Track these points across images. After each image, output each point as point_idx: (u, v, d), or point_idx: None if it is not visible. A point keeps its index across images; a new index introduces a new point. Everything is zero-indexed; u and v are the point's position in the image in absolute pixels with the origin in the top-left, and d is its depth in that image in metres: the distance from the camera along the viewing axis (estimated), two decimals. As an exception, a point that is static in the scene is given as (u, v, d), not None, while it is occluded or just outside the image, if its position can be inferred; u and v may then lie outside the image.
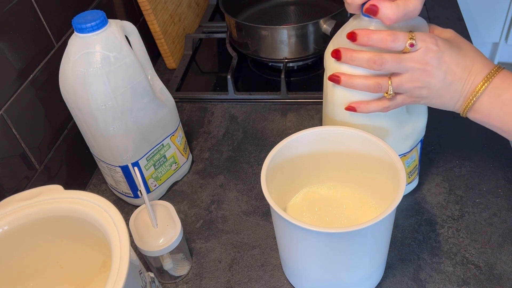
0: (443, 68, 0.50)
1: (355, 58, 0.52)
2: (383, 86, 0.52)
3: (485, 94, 0.51)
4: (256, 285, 0.61)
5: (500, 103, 0.50)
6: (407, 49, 0.50)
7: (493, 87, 0.50)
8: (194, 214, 0.71)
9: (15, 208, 0.48)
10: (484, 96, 0.51)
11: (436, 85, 0.51)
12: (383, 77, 0.52)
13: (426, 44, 0.50)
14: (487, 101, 0.51)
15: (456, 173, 0.71)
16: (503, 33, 2.02)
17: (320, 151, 0.59)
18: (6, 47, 0.60)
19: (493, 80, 0.50)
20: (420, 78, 0.51)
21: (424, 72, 0.50)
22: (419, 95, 0.53)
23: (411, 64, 0.50)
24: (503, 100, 0.50)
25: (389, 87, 0.52)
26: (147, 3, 0.88)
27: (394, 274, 0.60)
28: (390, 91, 0.52)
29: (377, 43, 0.50)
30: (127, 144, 0.64)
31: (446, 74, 0.50)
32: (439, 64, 0.50)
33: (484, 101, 0.51)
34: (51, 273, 0.54)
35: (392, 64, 0.50)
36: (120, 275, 0.40)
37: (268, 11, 1.03)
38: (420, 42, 0.49)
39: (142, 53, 0.66)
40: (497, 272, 0.59)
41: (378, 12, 0.49)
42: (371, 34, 0.50)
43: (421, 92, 0.52)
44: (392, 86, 0.52)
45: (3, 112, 0.60)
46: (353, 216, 0.59)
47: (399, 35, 0.49)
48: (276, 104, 0.87)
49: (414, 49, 0.50)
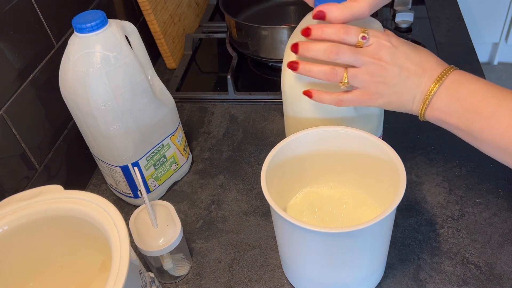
0: (397, 63, 0.51)
1: (312, 48, 0.52)
2: (339, 73, 0.52)
3: (442, 89, 0.50)
4: (256, 285, 0.61)
5: (457, 97, 0.50)
6: (360, 43, 0.51)
7: (450, 82, 0.50)
8: (194, 214, 0.71)
9: (15, 208, 0.48)
10: (442, 90, 0.50)
11: (392, 80, 0.51)
12: (340, 66, 0.52)
13: (378, 39, 0.51)
14: (444, 96, 0.50)
15: (456, 173, 0.71)
16: (503, 33, 2.02)
17: (320, 151, 0.59)
18: (6, 47, 0.60)
19: (449, 75, 0.51)
20: (376, 72, 0.51)
21: (379, 66, 0.51)
22: (376, 91, 0.52)
23: (366, 58, 0.51)
24: (460, 94, 0.50)
25: (344, 75, 0.52)
26: (147, 3, 0.88)
27: (394, 274, 0.60)
28: (345, 80, 0.52)
29: (330, 36, 0.51)
30: (127, 144, 0.64)
31: (401, 69, 0.51)
32: (393, 59, 0.51)
33: (442, 97, 0.51)
34: (51, 273, 0.54)
35: (348, 54, 0.51)
36: (120, 275, 0.40)
37: (268, 11, 1.03)
38: (372, 37, 0.51)
39: (142, 53, 0.66)
40: (497, 272, 0.59)
41: (325, 17, 0.51)
42: (324, 27, 0.51)
43: (378, 88, 0.52)
44: (347, 75, 0.52)
45: (3, 112, 0.60)
46: (353, 216, 0.59)
47: (351, 28, 0.51)
48: (276, 104, 0.87)
49: (366, 44, 0.51)
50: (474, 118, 0.49)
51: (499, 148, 0.48)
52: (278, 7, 1.03)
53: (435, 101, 0.51)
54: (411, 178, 0.71)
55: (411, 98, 0.52)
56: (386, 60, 0.51)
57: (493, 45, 2.11)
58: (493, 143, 0.48)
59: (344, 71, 0.52)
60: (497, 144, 0.48)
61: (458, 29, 0.99)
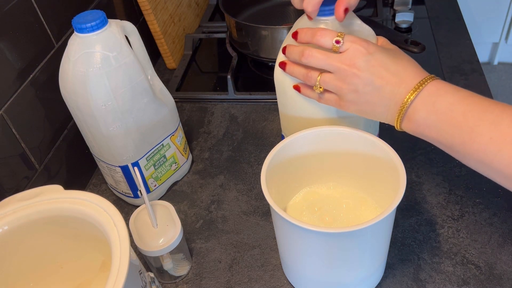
0: (371, 71, 0.49)
1: (291, 51, 0.54)
2: (312, 77, 0.53)
3: (419, 101, 0.48)
4: (256, 285, 0.61)
5: (435, 110, 0.47)
6: (335, 47, 0.50)
7: (427, 94, 0.48)
8: (194, 214, 0.71)
9: (15, 208, 0.48)
10: (418, 103, 0.48)
11: (364, 88, 0.50)
12: (315, 70, 0.53)
13: (354, 45, 0.50)
14: (421, 109, 0.48)
15: (456, 173, 0.71)
16: (503, 33, 2.02)
17: (320, 151, 0.59)
18: (6, 47, 0.60)
19: (426, 86, 0.48)
20: (347, 79, 0.50)
21: (351, 73, 0.50)
22: (348, 99, 0.52)
23: (338, 64, 0.50)
24: (438, 107, 0.47)
25: (317, 80, 0.53)
26: (147, 3, 0.88)
27: (394, 274, 0.60)
28: (317, 85, 0.53)
29: (307, 38, 0.52)
30: (127, 144, 0.64)
31: (374, 77, 0.49)
32: (366, 67, 0.49)
33: (419, 108, 0.48)
34: (51, 273, 0.54)
35: (319, 58, 0.51)
36: (120, 275, 0.40)
37: (268, 11, 1.03)
38: (348, 43, 0.50)
39: (142, 53, 0.66)
40: (497, 272, 0.59)
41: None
42: (306, 30, 0.53)
43: (350, 96, 0.51)
44: (319, 80, 0.53)
45: (3, 112, 0.60)
46: (353, 216, 0.59)
47: (327, 32, 0.51)
48: (276, 104, 0.87)
49: (342, 49, 0.50)
50: (454, 132, 0.47)
51: (482, 162, 0.46)
52: (278, 7, 1.03)
53: (412, 113, 0.49)
54: (411, 178, 0.71)
55: (385, 108, 0.50)
56: (359, 67, 0.49)
57: (493, 45, 2.11)
58: (476, 157, 0.46)
59: (317, 75, 0.53)
60: (480, 159, 0.46)
61: (458, 29, 0.99)
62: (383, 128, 0.67)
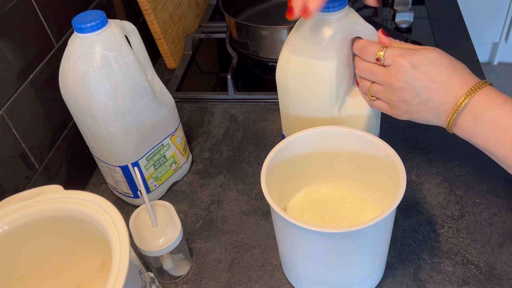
0: (416, 84, 0.50)
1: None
2: (364, 87, 0.56)
3: (466, 112, 0.49)
4: (256, 285, 0.61)
5: (482, 123, 0.48)
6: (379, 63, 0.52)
7: (474, 105, 0.49)
8: (194, 214, 0.71)
9: (15, 208, 0.48)
10: (465, 114, 0.49)
11: (412, 100, 0.51)
12: (367, 80, 0.55)
13: (396, 59, 0.51)
14: (469, 119, 0.49)
15: (456, 173, 0.71)
16: (503, 33, 2.02)
17: (320, 151, 0.59)
18: (6, 47, 0.60)
19: (473, 97, 0.48)
20: (394, 92, 0.52)
21: (397, 87, 0.51)
22: (399, 109, 0.53)
23: (384, 77, 0.52)
24: (485, 120, 0.48)
25: (368, 89, 0.55)
26: (147, 3, 0.88)
27: (394, 274, 0.60)
28: (368, 93, 0.56)
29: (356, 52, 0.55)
30: (127, 144, 0.64)
31: (421, 90, 0.50)
32: (411, 80, 0.50)
33: (466, 119, 0.49)
34: (51, 273, 0.54)
35: (366, 71, 0.54)
36: (120, 275, 0.40)
37: (268, 11, 1.03)
38: (389, 58, 0.51)
39: (142, 53, 0.66)
40: (497, 272, 0.59)
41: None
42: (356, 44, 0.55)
43: (400, 106, 0.53)
44: (371, 90, 0.55)
45: (3, 112, 0.60)
46: (353, 216, 0.59)
47: (369, 48, 0.53)
48: (276, 104, 0.87)
49: (385, 63, 0.52)
50: (497, 145, 0.48)
51: None
52: (278, 7, 1.03)
53: (461, 123, 0.50)
54: (411, 178, 0.71)
55: (434, 116, 0.52)
56: (404, 80, 0.50)
57: (493, 45, 2.11)
58: None
59: (369, 85, 0.55)
60: None
61: (458, 29, 0.99)
62: (383, 128, 0.67)
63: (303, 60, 0.57)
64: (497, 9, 1.92)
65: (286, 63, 0.59)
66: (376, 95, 0.55)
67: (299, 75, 0.58)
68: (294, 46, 0.58)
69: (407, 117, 0.54)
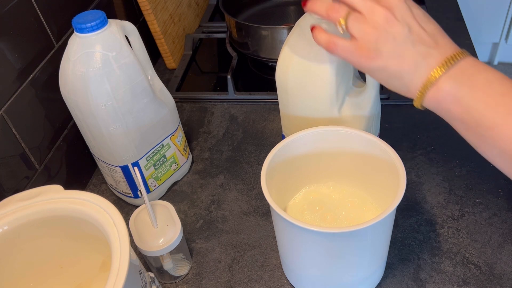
0: (408, 22, 0.44)
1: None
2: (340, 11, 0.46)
3: (454, 71, 0.43)
4: (256, 285, 0.61)
5: (472, 85, 0.42)
6: None
7: (465, 65, 0.43)
8: (194, 214, 0.71)
9: (15, 208, 0.48)
10: (454, 72, 0.43)
11: (397, 37, 0.44)
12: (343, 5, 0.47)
13: None
14: (456, 79, 0.43)
15: (456, 173, 0.71)
16: (503, 33, 2.02)
17: (320, 151, 0.59)
18: (6, 47, 0.60)
19: (465, 58, 0.43)
20: (381, 24, 0.44)
21: (386, 18, 0.44)
22: (375, 47, 0.45)
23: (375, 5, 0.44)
24: (476, 83, 0.42)
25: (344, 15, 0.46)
26: (147, 3, 0.88)
27: (394, 274, 0.60)
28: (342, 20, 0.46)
29: None
30: (127, 144, 0.64)
31: (410, 30, 0.44)
32: (404, 17, 0.44)
33: (453, 78, 0.43)
34: (51, 273, 0.54)
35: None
36: (120, 275, 0.40)
37: (268, 11, 1.03)
38: None
39: (142, 53, 0.66)
40: (497, 272, 0.59)
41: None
42: None
43: (378, 43, 0.44)
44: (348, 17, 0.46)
45: (3, 112, 0.60)
46: (353, 216, 0.59)
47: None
48: (276, 104, 0.87)
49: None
50: (486, 112, 0.41)
51: (506, 152, 0.41)
52: (278, 7, 1.03)
53: (443, 82, 0.43)
54: (411, 178, 0.71)
55: (412, 67, 0.44)
56: (397, 13, 0.44)
57: (493, 45, 2.11)
58: (502, 145, 0.41)
59: (346, 10, 0.46)
60: (506, 148, 0.41)
61: (458, 29, 0.99)
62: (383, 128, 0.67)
63: (303, 60, 0.57)
64: (497, 9, 1.92)
65: (286, 63, 0.59)
66: (352, 24, 0.45)
67: (299, 75, 0.58)
68: (294, 46, 0.58)
69: (377, 64, 0.45)
